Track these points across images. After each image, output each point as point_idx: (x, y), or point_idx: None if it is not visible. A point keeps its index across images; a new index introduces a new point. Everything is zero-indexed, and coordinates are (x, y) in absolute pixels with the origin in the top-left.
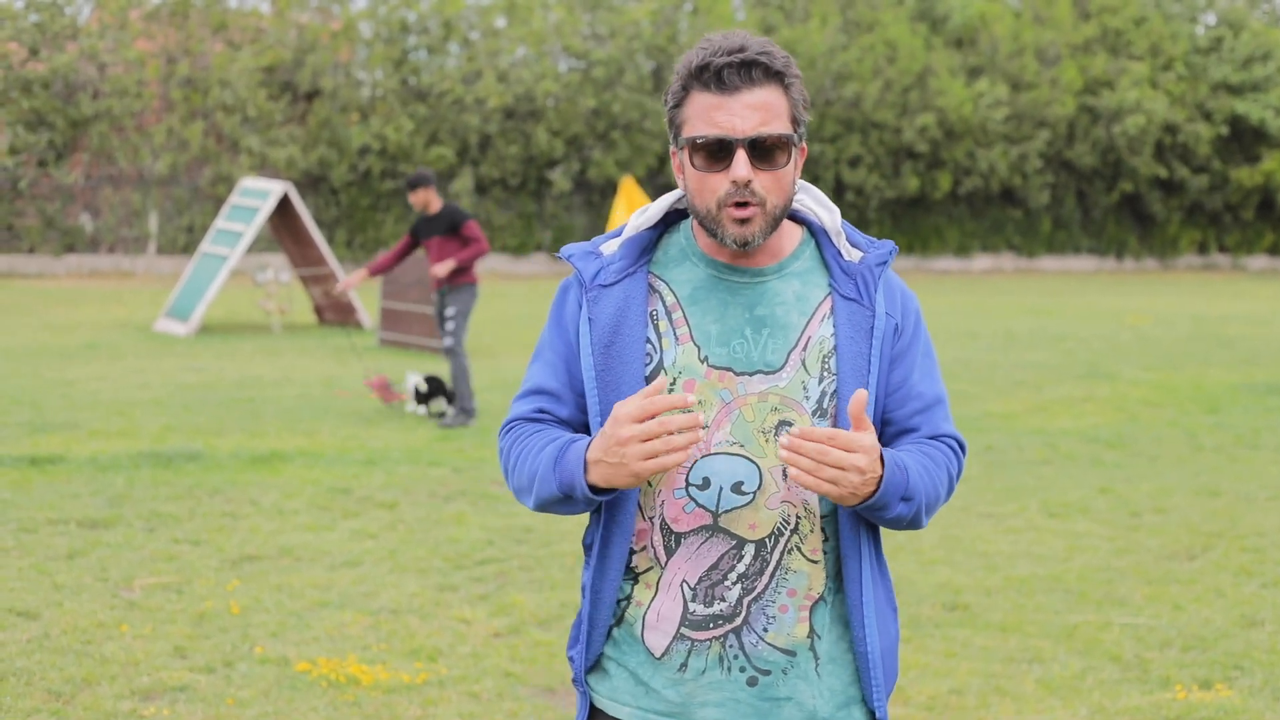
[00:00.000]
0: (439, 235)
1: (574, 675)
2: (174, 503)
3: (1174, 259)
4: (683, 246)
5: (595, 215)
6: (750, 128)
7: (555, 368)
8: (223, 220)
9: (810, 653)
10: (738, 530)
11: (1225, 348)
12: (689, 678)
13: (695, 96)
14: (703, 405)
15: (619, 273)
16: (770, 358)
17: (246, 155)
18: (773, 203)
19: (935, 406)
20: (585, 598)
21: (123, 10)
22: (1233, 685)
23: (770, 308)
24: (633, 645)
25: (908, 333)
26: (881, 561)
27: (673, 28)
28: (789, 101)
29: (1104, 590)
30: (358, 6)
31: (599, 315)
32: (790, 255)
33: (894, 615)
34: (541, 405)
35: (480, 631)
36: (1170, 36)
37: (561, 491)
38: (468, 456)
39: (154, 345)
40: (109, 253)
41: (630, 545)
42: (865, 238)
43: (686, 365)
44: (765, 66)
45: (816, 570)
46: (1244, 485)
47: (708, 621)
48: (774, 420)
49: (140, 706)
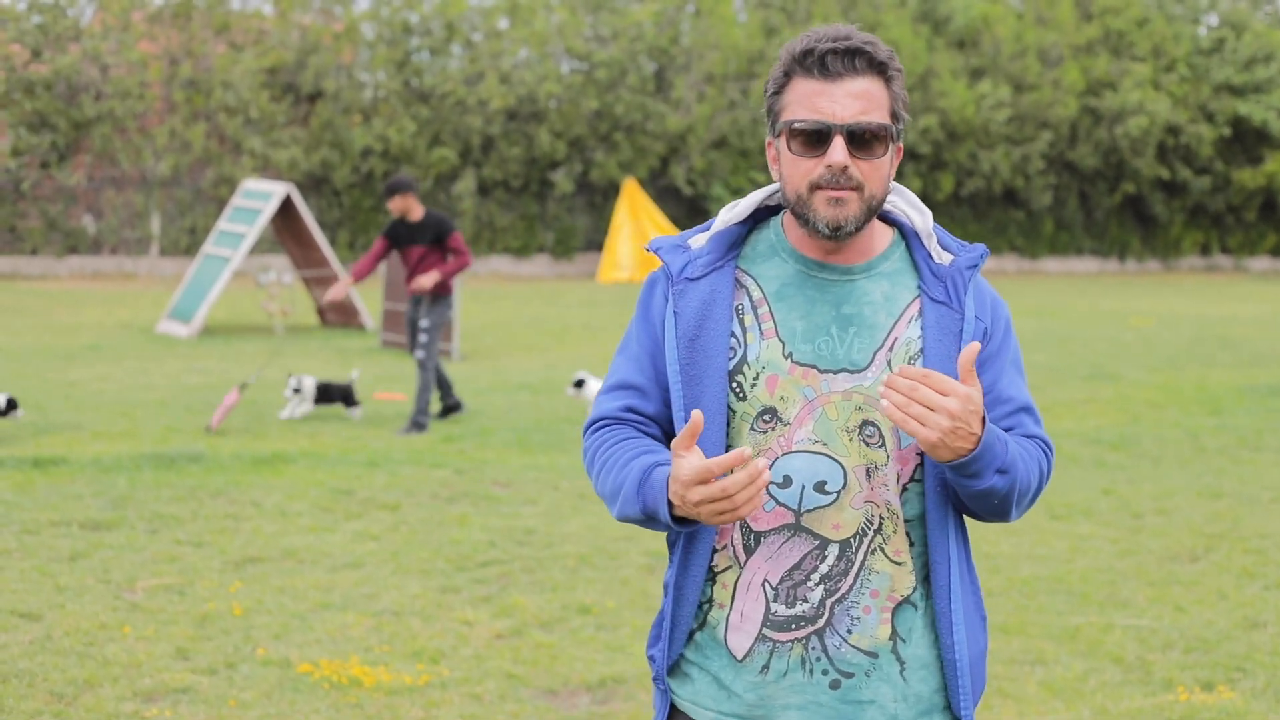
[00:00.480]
0: (423, 244)
1: (654, 674)
2: (176, 504)
3: (1176, 260)
4: (772, 242)
5: (598, 217)
6: (850, 115)
7: (640, 362)
8: (225, 222)
9: (893, 655)
10: (821, 530)
11: (1228, 349)
12: (770, 680)
13: (797, 82)
14: (785, 402)
15: (706, 266)
16: (855, 356)
17: (249, 157)
18: (870, 190)
19: (1024, 412)
20: (668, 595)
21: (125, 12)
22: (1235, 687)
23: (858, 306)
24: (715, 649)
25: (997, 338)
26: (971, 569)
27: (675, 29)
28: (890, 95)
29: (1106, 592)
30: (360, 8)
31: (684, 309)
32: (880, 255)
33: (983, 624)
34: (628, 402)
35: (482, 633)
36: (1173, 38)
37: (646, 515)
38: (470, 458)
39: (156, 347)
40: (111, 254)
41: (713, 544)
42: (957, 241)
43: (770, 361)
44: (869, 56)
45: (900, 572)
46: (1247, 487)
47: (790, 623)
48: (857, 420)
49: (142, 708)
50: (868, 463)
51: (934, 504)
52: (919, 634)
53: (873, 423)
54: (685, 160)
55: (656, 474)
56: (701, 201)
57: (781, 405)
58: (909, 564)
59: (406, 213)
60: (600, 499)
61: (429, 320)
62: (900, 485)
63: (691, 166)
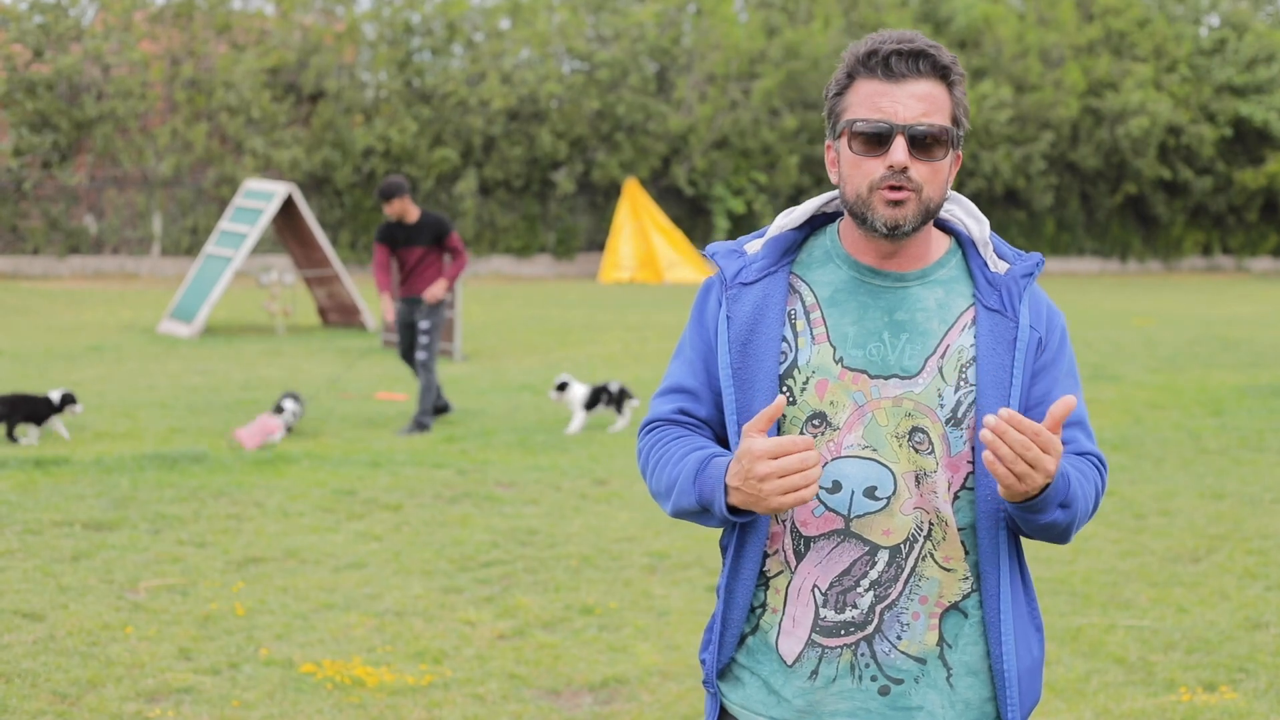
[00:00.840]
0: (422, 245)
1: (705, 677)
2: (179, 504)
3: (1178, 261)
4: (827, 249)
5: (599, 217)
6: (913, 117)
7: (694, 365)
8: (227, 222)
9: (940, 661)
10: (871, 536)
11: (1230, 350)
12: (819, 685)
13: (860, 84)
14: (835, 406)
15: (760, 271)
16: (907, 363)
17: (250, 157)
18: (928, 193)
19: (1078, 425)
20: (720, 599)
21: (127, 12)
22: (1237, 688)
23: (910, 313)
24: (766, 653)
25: (1051, 347)
26: (1025, 579)
27: (676, 29)
28: (951, 100)
29: (1109, 593)
30: (362, 8)
31: (737, 313)
32: (935, 263)
33: (1038, 635)
34: (681, 405)
35: (485, 633)
36: (1174, 38)
37: (700, 505)
38: (472, 459)
39: (158, 347)
40: (113, 254)
41: (764, 548)
42: (1013, 250)
43: (821, 365)
44: (933, 59)
45: (949, 578)
46: (1249, 488)
47: (839, 628)
48: (907, 426)
49: (145, 708)
50: (917, 469)
51: (985, 513)
52: (967, 641)
53: (922, 429)
54: (687, 160)
55: (714, 465)
56: (703, 201)
57: (831, 410)
58: (959, 570)
59: (403, 215)
60: (654, 498)
61: (429, 322)
62: (951, 493)
63: (693, 166)
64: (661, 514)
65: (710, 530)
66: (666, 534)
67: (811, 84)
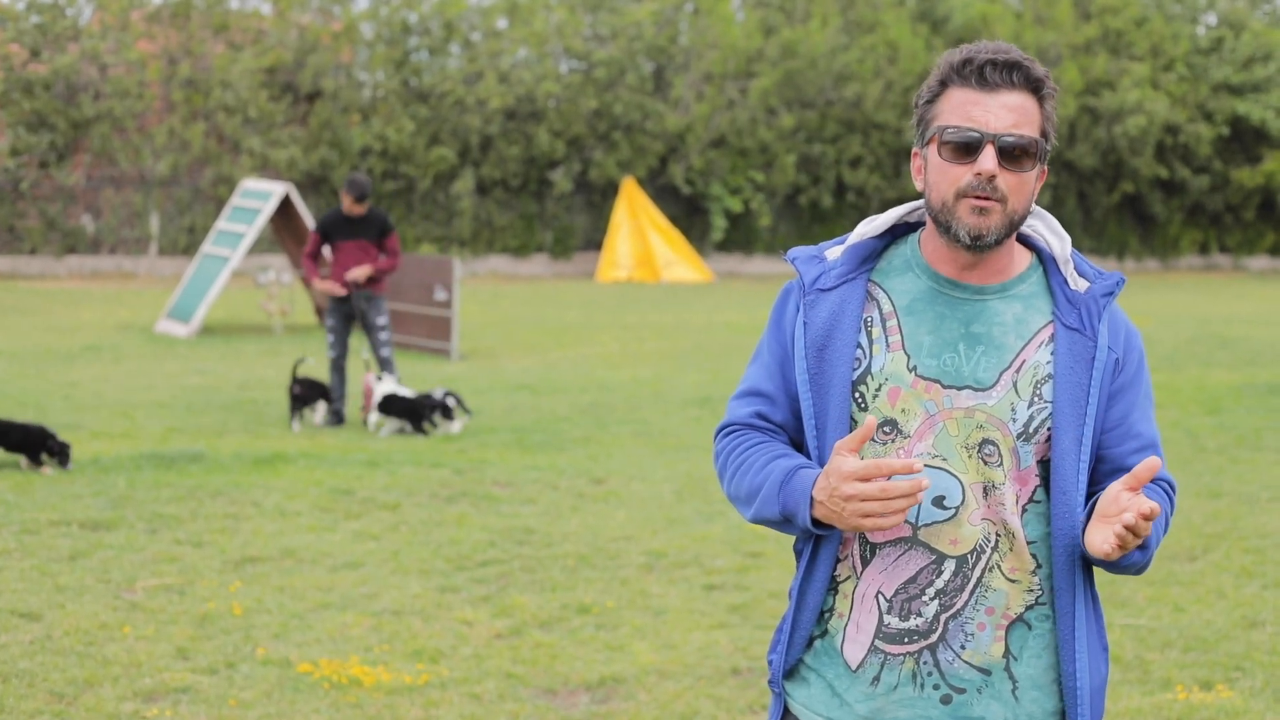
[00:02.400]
0: (365, 239)
1: (770, 677)
2: (176, 504)
3: (1175, 259)
4: (907, 258)
5: (597, 216)
6: (1004, 127)
7: (771, 370)
8: (224, 221)
9: (1005, 673)
10: (938, 545)
11: (1227, 348)
12: (880, 692)
13: (953, 92)
14: (906, 414)
15: (839, 278)
16: (981, 375)
17: (248, 156)
18: (1013, 204)
19: (1151, 448)
20: (791, 601)
21: (124, 11)
22: (1234, 686)
23: (987, 326)
24: (832, 656)
25: (1130, 369)
26: (1095, 599)
27: (674, 29)
28: (1042, 113)
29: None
30: (359, 7)
31: (814, 319)
32: (1016, 278)
33: (1105, 655)
34: (758, 409)
35: (482, 633)
36: (1171, 37)
37: (784, 516)
38: (470, 458)
39: (156, 347)
40: (110, 254)
41: (836, 554)
42: (1094, 269)
43: (894, 373)
44: (1027, 71)
45: (1015, 590)
46: (1246, 486)
47: (903, 636)
48: (978, 438)
49: (142, 708)
50: (985, 480)
51: (1060, 530)
52: (1033, 654)
53: (992, 441)
54: (684, 159)
55: (800, 476)
56: (700, 200)
57: (902, 418)
58: (1024, 583)
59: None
60: (731, 502)
61: (384, 318)
62: (1020, 506)
63: (690, 166)
64: (659, 512)
65: (709, 530)
66: (664, 533)
67: (809, 83)
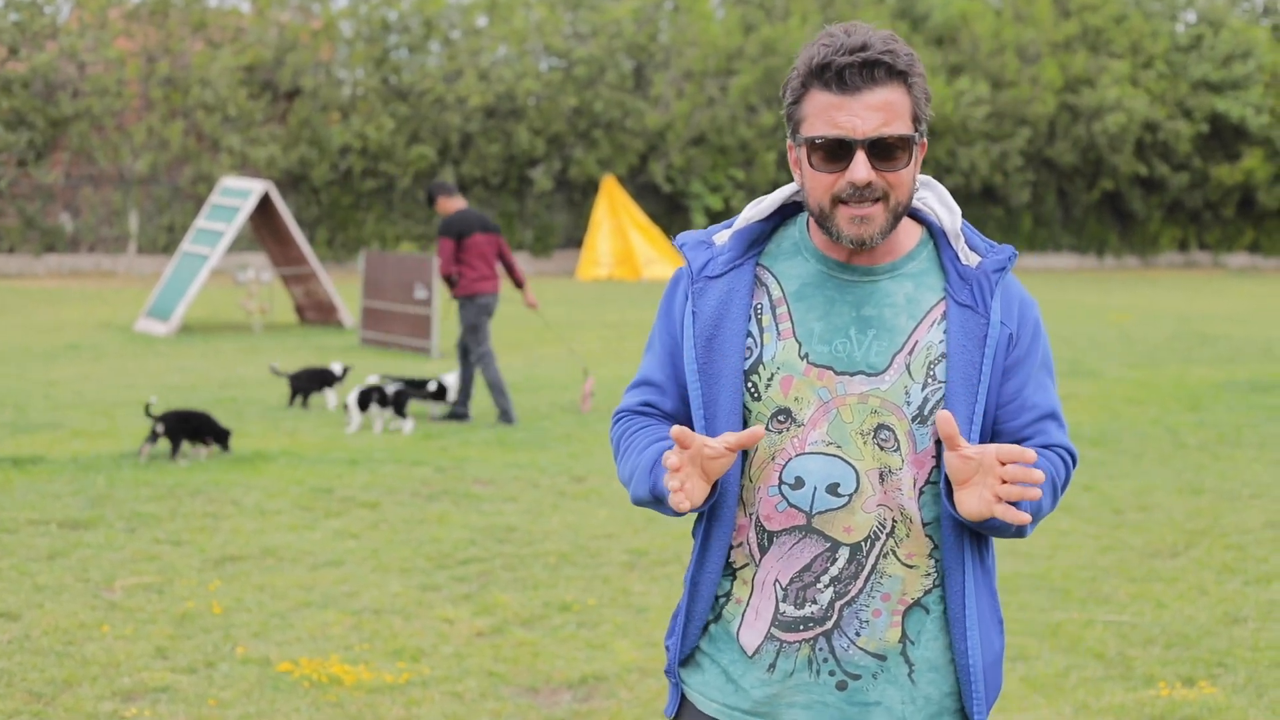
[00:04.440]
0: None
1: (667, 665)
2: (155, 503)
3: (1155, 256)
4: (796, 240)
5: (577, 214)
6: (871, 129)
7: (661, 360)
8: (203, 220)
9: (902, 658)
10: (832, 533)
11: (1207, 345)
12: (776, 679)
13: (815, 95)
14: (800, 403)
15: (726, 264)
16: (874, 359)
17: (227, 154)
18: (895, 198)
19: (1049, 419)
20: (686, 589)
21: (102, 9)
22: (1216, 682)
23: (878, 308)
24: (727, 642)
25: (1024, 342)
26: (988, 573)
27: (654, 26)
28: (911, 100)
29: (1088, 588)
30: (338, 5)
31: (703, 308)
32: (906, 255)
33: (999, 629)
34: (647, 398)
35: (463, 631)
36: (1150, 34)
37: (653, 495)
38: (451, 456)
39: (136, 345)
40: (89, 252)
41: (730, 541)
42: (985, 241)
43: (786, 361)
44: (888, 66)
45: (912, 575)
46: (1226, 483)
47: (798, 624)
48: (873, 423)
49: (122, 707)
50: (881, 466)
51: (949, 510)
52: (930, 637)
53: (888, 426)
54: (664, 157)
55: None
56: (680, 198)
57: (796, 406)
58: (922, 567)
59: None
60: (624, 487)
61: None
62: (917, 489)
63: (670, 163)
64: (640, 510)
65: (689, 528)
66: (645, 531)
67: None
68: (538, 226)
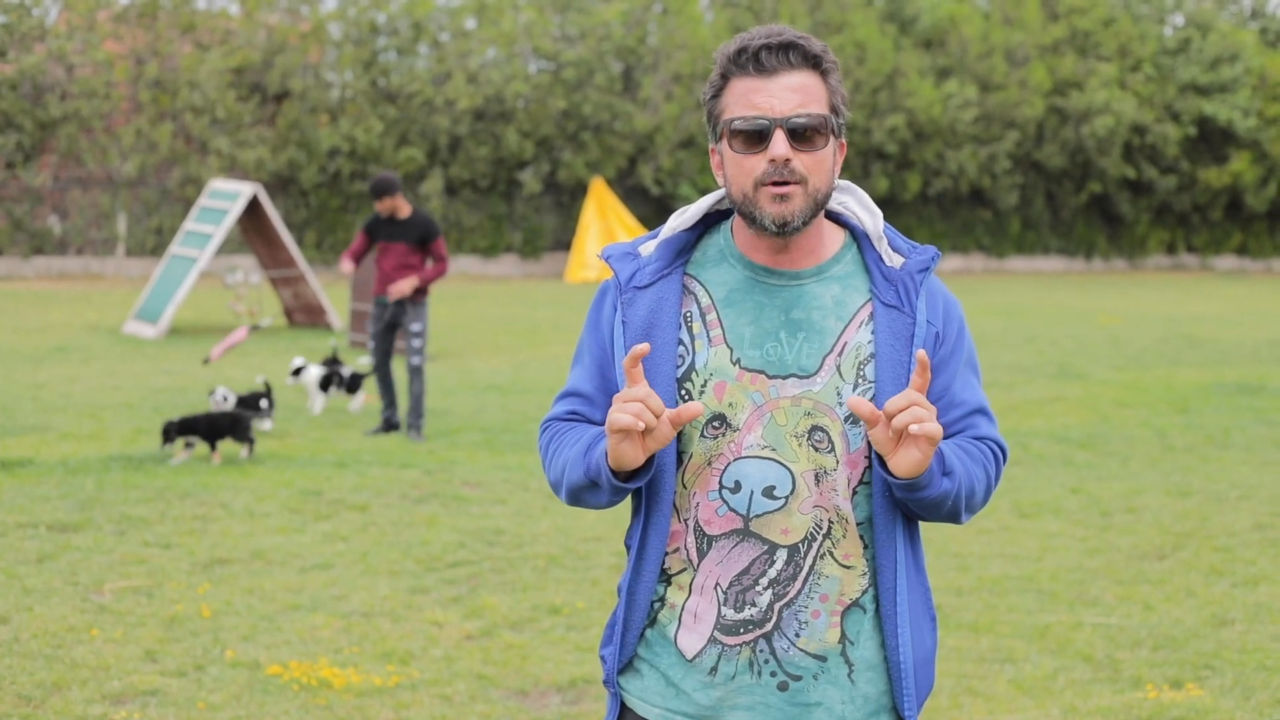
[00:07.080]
0: (406, 243)
1: (605, 675)
2: (144, 506)
3: (1143, 259)
4: (721, 248)
5: (565, 216)
6: (789, 109)
7: (590, 372)
8: (192, 222)
9: (842, 659)
10: (769, 535)
11: (1195, 348)
12: (719, 682)
13: (734, 83)
14: (734, 408)
15: (654, 274)
16: (805, 362)
17: (215, 157)
18: (814, 183)
19: (978, 414)
20: (621, 598)
21: (91, 11)
22: (1203, 684)
23: (807, 311)
24: (665, 647)
25: (950, 340)
26: (920, 570)
27: (642, 29)
28: (827, 88)
29: (1075, 590)
30: (327, 8)
31: (633, 318)
32: (831, 259)
33: (931, 625)
34: (574, 408)
35: (452, 634)
36: (1139, 38)
37: (588, 478)
38: (439, 458)
39: (124, 348)
40: (77, 255)
41: (665, 548)
42: (908, 242)
43: (718, 367)
44: (803, 50)
45: (850, 575)
46: (1214, 485)
47: (738, 627)
48: (806, 425)
49: (111, 711)
50: (817, 467)
51: (881, 507)
52: (868, 636)
53: (822, 428)
54: (653, 160)
55: (602, 442)
56: (669, 201)
57: (730, 411)
58: (859, 567)
59: (395, 211)
60: (553, 490)
61: (420, 324)
62: (850, 489)
63: (659, 166)
64: (629, 513)
65: None
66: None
67: None
68: (526, 229)
